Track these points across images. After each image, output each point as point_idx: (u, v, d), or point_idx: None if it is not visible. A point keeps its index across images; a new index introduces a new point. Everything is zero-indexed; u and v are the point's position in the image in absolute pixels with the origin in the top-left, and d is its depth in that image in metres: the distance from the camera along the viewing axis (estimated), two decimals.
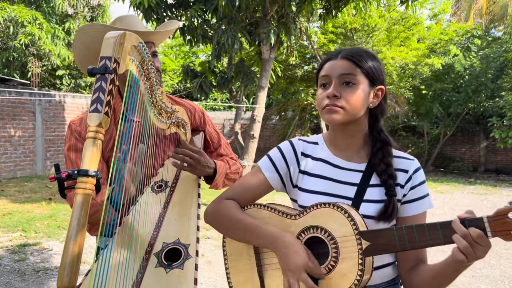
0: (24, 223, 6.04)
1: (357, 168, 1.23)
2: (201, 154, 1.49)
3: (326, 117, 1.18)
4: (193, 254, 1.22)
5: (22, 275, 4.12)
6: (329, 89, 1.17)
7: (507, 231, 0.93)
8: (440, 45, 13.45)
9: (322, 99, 1.18)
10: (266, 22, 7.44)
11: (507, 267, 4.57)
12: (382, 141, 1.22)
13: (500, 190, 10.26)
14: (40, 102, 11.13)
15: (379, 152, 1.21)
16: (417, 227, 1.01)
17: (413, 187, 1.20)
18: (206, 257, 4.77)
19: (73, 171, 0.85)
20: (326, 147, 1.28)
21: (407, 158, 1.24)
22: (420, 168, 1.23)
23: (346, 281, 1.05)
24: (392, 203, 1.15)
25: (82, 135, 1.52)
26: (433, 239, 1.00)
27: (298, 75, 13.65)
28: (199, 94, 8.83)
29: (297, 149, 1.29)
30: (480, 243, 0.95)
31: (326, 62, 1.22)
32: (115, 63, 0.92)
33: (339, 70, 1.17)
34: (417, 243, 1.01)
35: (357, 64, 1.17)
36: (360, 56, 1.18)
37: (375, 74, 1.19)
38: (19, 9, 10.50)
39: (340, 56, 1.19)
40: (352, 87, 1.16)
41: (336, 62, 1.18)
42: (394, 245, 1.03)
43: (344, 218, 1.08)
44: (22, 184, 9.63)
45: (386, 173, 1.18)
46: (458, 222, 0.98)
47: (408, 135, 14.75)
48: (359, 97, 1.16)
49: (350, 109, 1.16)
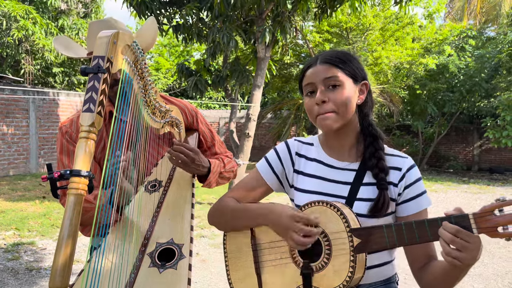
0: (17, 222, 6.00)
1: (350, 167, 1.24)
2: (196, 153, 1.49)
3: (321, 125, 1.20)
4: (186, 254, 1.22)
5: (15, 274, 4.10)
6: (316, 96, 1.18)
7: (492, 228, 0.95)
8: (434, 44, 13.50)
9: (312, 107, 1.20)
10: (262, 20, 7.43)
11: (500, 266, 4.60)
12: (372, 135, 1.24)
13: (493, 189, 10.33)
14: (34, 99, 11.06)
15: (370, 147, 1.22)
16: (405, 224, 1.03)
17: (408, 186, 1.20)
18: (201, 256, 4.76)
19: (66, 171, 0.85)
20: (321, 147, 1.30)
21: (400, 156, 1.25)
22: (414, 166, 1.23)
23: (338, 278, 1.07)
24: (383, 196, 1.16)
25: (73, 137, 1.51)
26: (421, 236, 1.01)
27: (293, 74, 13.66)
28: (194, 92, 8.81)
29: (292, 150, 1.31)
30: (463, 238, 0.96)
31: (306, 70, 1.23)
32: (108, 62, 0.92)
33: (321, 75, 1.18)
34: (405, 240, 1.03)
35: (337, 65, 1.18)
36: (338, 58, 1.20)
37: (356, 71, 1.21)
38: (12, 3, 10.42)
39: (319, 62, 1.20)
40: (338, 88, 1.17)
41: (316, 68, 1.20)
42: (384, 242, 1.05)
43: (337, 215, 1.09)
44: (15, 182, 9.57)
45: (377, 167, 1.19)
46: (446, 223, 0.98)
47: (402, 134, 14.81)
48: (347, 96, 1.17)
49: (341, 111, 1.17)
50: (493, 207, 0.95)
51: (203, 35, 7.85)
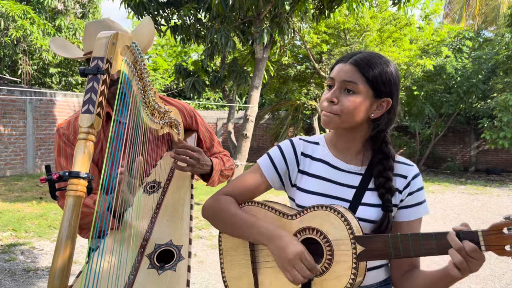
0: (14, 223, 5.98)
1: (356, 171, 1.22)
2: (200, 152, 1.50)
3: (321, 120, 1.20)
4: (185, 256, 1.21)
5: (12, 275, 4.08)
6: (331, 91, 1.17)
7: (501, 246, 0.94)
8: (432, 45, 13.54)
9: (323, 101, 1.19)
10: (260, 21, 7.43)
11: (497, 267, 4.61)
12: (383, 153, 1.21)
13: (490, 190, 10.36)
14: (31, 100, 11.02)
15: (379, 165, 1.20)
16: (412, 236, 1.02)
17: (411, 193, 1.20)
18: (199, 257, 4.76)
19: (64, 173, 0.84)
20: (327, 148, 1.28)
21: (407, 164, 1.24)
22: (419, 174, 1.23)
23: (339, 284, 1.06)
24: (387, 219, 1.15)
25: (70, 139, 1.51)
26: (427, 249, 1.00)
27: (291, 75, 13.66)
28: (192, 93, 8.81)
29: (297, 149, 1.28)
30: (474, 257, 0.96)
31: (337, 64, 1.20)
32: (107, 63, 0.91)
33: (343, 76, 1.15)
34: (411, 252, 1.02)
35: (363, 73, 1.13)
36: (368, 64, 1.14)
37: (380, 84, 1.14)
38: (10, 3, 10.39)
39: (349, 61, 1.16)
40: (352, 95, 1.14)
41: (343, 67, 1.16)
42: (388, 252, 1.04)
43: (340, 221, 1.08)
44: (12, 183, 9.53)
45: (384, 187, 1.17)
46: (453, 235, 0.98)
47: (400, 135, 14.85)
48: (356, 105, 1.14)
49: (345, 117, 1.15)
50: (503, 225, 0.94)
51: (201, 36, 7.85)
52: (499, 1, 16.95)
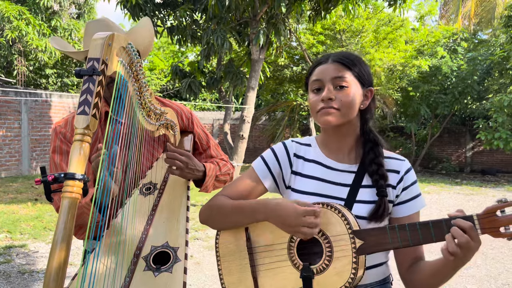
0: (9, 224, 5.94)
1: (349, 169, 1.24)
2: (188, 157, 1.46)
3: (321, 120, 1.19)
4: (182, 258, 1.21)
5: (7, 277, 4.06)
6: (322, 93, 1.19)
7: (495, 228, 0.98)
8: (427, 46, 13.60)
9: (316, 103, 1.20)
10: (256, 22, 7.44)
11: (493, 267, 4.63)
12: (372, 141, 1.24)
13: (485, 190, 10.41)
14: (26, 101, 10.97)
15: (370, 153, 1.22)
16: (409, 226, 1.05)
17: (405, 188, 1.22)
18: (195, 258, 4.74)
19: (60, 175, 0.84)
20: (319, 149, 1.29)
21: (398, 159, 1.26)
22: (411, 169, 1.25)
23: (341, 279, 1.07)
24: (383, 203, 1.17)
25: (67, 137, 1.50)
26: (425, 238, 1.04)
27: (287, 76, 13.67)
28: (188, 94, 8.80)
29: (290, 151, 1.30)
30: (472, 236, 0.99)
31: (316, 67, 1.24)
32: (103, 64, 0.91)
33: (331, 73, 1.19)
34: (410, 242, 1.05)
35: (348, 67, 1.19)
36: (350, 59, 1.21)
37: (364, 76, 1.22)
38: (5, 4, 10.35)
39: (331, 60, 1.21)
40: (345, 89, 1.18)
41: (327, 66, 1.21)
42: (387, 243, 1.06)
43: (338, 217, 1.09)
44: (7, 184, 9.48)
45: (377, 173, 1.20)
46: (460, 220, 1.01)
47: (396, 135, 14.89)
48: (352, 98, 1.18)
49: (345, 110, 1.18)
50: (496, 208, 0.99)
51: (197, 37, 7.85)
52: (495, 3, 17.05)
